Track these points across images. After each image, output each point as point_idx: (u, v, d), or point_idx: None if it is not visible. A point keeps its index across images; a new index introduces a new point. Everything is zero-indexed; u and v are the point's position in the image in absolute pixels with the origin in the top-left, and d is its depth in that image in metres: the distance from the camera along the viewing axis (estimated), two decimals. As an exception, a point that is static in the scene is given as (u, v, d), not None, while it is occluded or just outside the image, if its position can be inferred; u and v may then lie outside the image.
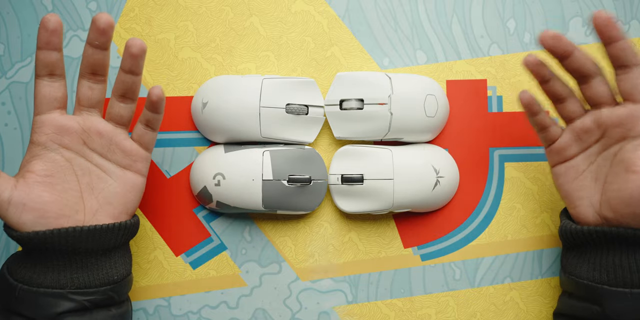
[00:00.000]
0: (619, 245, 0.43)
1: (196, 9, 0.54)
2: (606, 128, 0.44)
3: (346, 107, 0.50)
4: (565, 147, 0.46)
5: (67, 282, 0.43)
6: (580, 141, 0.46)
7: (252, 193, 0.49)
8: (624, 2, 0.54)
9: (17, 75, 0.53)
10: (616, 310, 0.42)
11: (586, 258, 0.45)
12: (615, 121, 0.43)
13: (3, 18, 0.54)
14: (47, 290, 0.42)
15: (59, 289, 0.42)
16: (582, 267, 0.45)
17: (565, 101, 0.46)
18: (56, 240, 0.42)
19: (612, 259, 0.43)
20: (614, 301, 0.42)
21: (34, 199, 0.42)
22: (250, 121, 0.49)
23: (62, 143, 0.43)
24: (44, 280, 0.42)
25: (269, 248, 0.53)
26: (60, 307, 0.42)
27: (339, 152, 0.51)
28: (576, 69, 0.44)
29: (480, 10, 0.54)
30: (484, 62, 0.54)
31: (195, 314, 0.53)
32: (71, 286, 0.43)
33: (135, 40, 0.43)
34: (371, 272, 0.53)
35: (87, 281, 0.43)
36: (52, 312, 0.42)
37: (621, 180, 0.42)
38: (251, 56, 0.54)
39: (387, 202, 0.49)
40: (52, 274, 0.43)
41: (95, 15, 0.42)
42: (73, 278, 0.43)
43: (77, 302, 0.43)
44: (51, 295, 0.42)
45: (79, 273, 0.43)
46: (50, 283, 0.42)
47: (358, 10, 0.54)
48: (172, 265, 0.53)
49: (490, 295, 0.53)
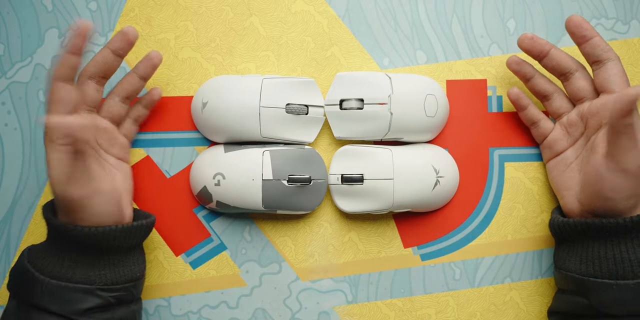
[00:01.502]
0: (603, 236, 0.44)
1: (196, 9, 0.54)
2: (587, 119, 0.47)
3: (346, 107, 0.50)
4: (556, 141, 0.49)
5: (96, 279, 0.43)
6: (569, 135, 0.49)
7: (252, 193, 0.49)
8: (624, 2, 0.54)
9: (17, 75, 0.53)
10: (603, 302, 0.43)
11: (574, 251, 0.46)
12: (593, 111, 0.46)
13: (3, 18, 0.54)
14: (76, 286, 0.43)
15: (88, 284, 0.43)
16: (571, 261, 0.45)
17: (551, 98, 0.50)
18: (99, 237, 0.43)
19: (597, 251, 0.44)
20: (601, 293, 0.43)
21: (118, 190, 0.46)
22: (250, 121, 0.49)
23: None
24: (73, 276, 0.43)
25: (269, 248, 0.53)
26: (88, 303, 0.43)
27: (339, 152, 0.51)
28: (555, 67, 0.48)
29: (480, 10, 0.54)
30: (484, 62, 0.54)
31: (195, 314, 0.53)
32: (99, 282, 0.43)
33: (156, 52, 0.49)
34: (371, 272, 0.53)
35: (114, 278, 0.44)
36: (79, 308, 0.42)
37: (585, 163, 0.45)
38: (251, 56, 0.54)
39: (387, 202, 0.49)
40: (81, 270, 0.43)
41: (124, 29, 0.46)
42: (102, 274, 0.44)
43: (104, 299, 0.43)
44: (80, 290, 0.43)
45: (107, 270, 0.44)
46: (79, 278, 0.43)
47: (358, 10, 0.54)
48: (172, 265, 0.53)
49: (490, 295, 0.53)
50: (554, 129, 0.50)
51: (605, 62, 0.46)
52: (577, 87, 0.48)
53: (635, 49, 0.54)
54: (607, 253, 0.43)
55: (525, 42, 0.48)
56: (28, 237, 0.53)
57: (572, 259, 0.45)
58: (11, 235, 0.53)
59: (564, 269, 0.46)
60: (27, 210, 0.53)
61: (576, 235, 0.45)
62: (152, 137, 0.53)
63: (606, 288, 0.42)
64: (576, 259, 0.45)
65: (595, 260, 0.44)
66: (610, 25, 0.54)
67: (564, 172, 0.48)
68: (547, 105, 0.50)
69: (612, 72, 0.46)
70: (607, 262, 0.43)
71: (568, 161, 0.48)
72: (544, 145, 0.51)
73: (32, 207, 0.53)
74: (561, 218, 0.46)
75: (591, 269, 0.44)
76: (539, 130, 0.51)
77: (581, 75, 0.48)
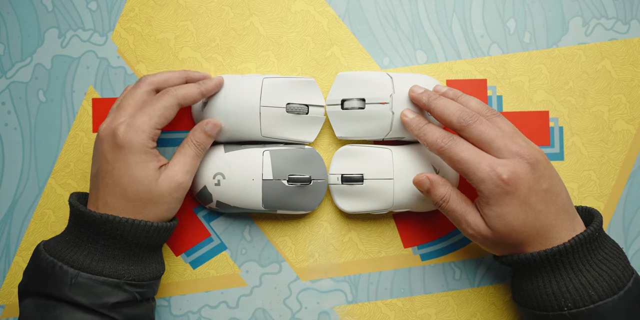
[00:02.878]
0: (521, 272, 0.46)
1: (196, 9, 0.54)
2: None
3: (348, 106, 0.50)
4: None
5: (125, 273, 0.44)
6: None
7: (252, 193, 0.49)
8: (624, 2, 0.54)
9: (17, 75, 0.53)
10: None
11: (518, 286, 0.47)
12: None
13: (3, 18, 0.54)
14: (106, 279, 0.43)
15: (117, 278, 0.44)
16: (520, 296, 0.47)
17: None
18: (128, 229, 0.44)
19: (525, 287, 0.45)
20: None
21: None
22: (250, 120, 0.49)
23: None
24: (103, 269, 0.44)
25: (269, 248, 0.53)
26: (116, 296, 0.44)
27: (339, 151, 0.51)
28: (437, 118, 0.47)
29: (480, 10, 0.54)
30: (484, 62, 0.54)
31: (195, 313, 0.53)
32: (127, 277, 0.44)
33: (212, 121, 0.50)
34: (371, 272, 0.53)
35: (141, 274, 0.45)
36: (107, 302, 0.43)
37: None
38: (251, 56, 0.54)
39: (387, 202, 0.49)
40: (110, 263, 0.44)
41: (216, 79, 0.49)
42: (130, 270, 0.45)
43: (130, 294, 0.44)
44: (109, 284, 0.43)
45: (135, 265, 0.45)
46: (108, 272, 0.44)
47: (358, 10, 0.54)
48: (172, 265, 0.53)
49: (490, 295, 0.53)
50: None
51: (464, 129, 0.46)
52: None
53: (635, 49, 0.54)
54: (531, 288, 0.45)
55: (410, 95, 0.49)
56: (28, 237, 0.53)
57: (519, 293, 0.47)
58: (11, 235, 0.53)
59: (517, 301, 0.48)
60: (27, 210, 0.53)
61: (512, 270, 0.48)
62: (152, 137, 0.53)
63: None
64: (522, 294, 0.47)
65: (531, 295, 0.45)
66: (610, 25, 0.54)
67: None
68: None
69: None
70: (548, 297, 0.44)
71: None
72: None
73: (32, 207, 0.53)
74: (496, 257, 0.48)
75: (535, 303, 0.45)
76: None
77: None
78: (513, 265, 0.45)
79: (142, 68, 0.54)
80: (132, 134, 0.44)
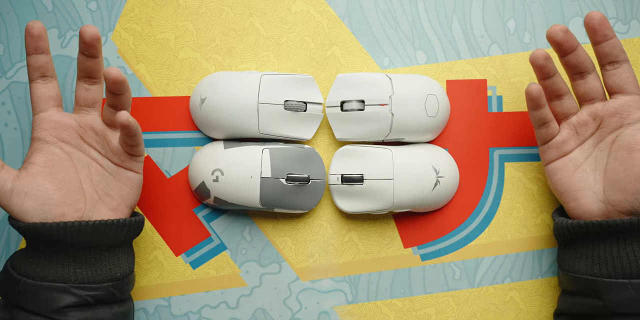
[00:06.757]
0: (615, 236, 0.44)
1: (196, 9, 0.54)
2: (602, 119, 0.47)
3: (347, 108, 0.50)
4: (565, 141, 0.48)
5: (70, 277, 0.44)
6: (577, 135, 0.48)
7: (250, 190, 0.49)
8: (624, 2, 0.54)
9: (17, 75, 0.53)
10: (616, 301, 0.43)
11: (583, 253, 0.46)
12: (612, 112, 0.46)
13: (3, 18, 0.54)
14: (50, 284, 0.43)
15: (62, 283, 0.43)
16: (580, 263, 0.45)
17: (563, 98, 0.48)
18: (62, 233, 0.43)
19: (609, 251, 0.44)
20: (614, 293, 0.43)
21: (36, 186, 0.44)
22: (248, 117, 0.49)
23: (60, 137, 0.46)
24: (47, 274, 0.43)
25: (269, 248, 0.53)
26: (63, 301, 0.43)
27: (339, 152, 0.51)
28: (577, 65, 0.47)
29: (480, 10, 0.54)
30: (484, 62, 0.54)
31: (195, 314, 0.53)
32: (74, 281, 0.44)
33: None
34: (371, 272, 0.53)
35: (90, 276, 0.44)
36: (56, 306, 0.42)
37: (626, 161, 0.45)
38: (251, 56, 0.54)
39: (387, 202, 0.49)
40: (55, 268, 0.44)
41: (81, 28, 0.44)
42: (76, 273, 0.44)
43: (80, 297, 0.43)
44: (54, 289, 0.43)
45: (82, 268, 0.44)
46: (53, 277, 0.43)
47: (358, 10, 0.54)
48: (172, 265, 0.53)
49: (490, 295, 0.53)
50: (562, 129, 0.48)
51: (622, 64, 0.46)
52: (592, 87, 0.47)
53: (635, 49, 0.54)
54: (620, 252, 0.44)
55: (559, 35, 0.45)
56: (28, 237, 0.53)
57: (582, 260, 0.45)
58: (11, 235, 0.53)
59: (573, 271, 0.46)
60: (27, 210, 0.53)
61: (586, 236, 0.45)
62: (152, 137, 0.53)
63: (620, 287, 0.43)
64: (586, 261, 0.45)
65: (608, 261, 0.44)
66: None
67: (575, 173, 0.47)
68: (558, 104, 0.48)
69: (630, 73, 0.46)
70: (621, 262, 0.43)
71: (578, 162, 0.47)
72: (550, 145, 0.48)
73: (32, 207, 0.53)
74: (569, 220, 0.46)
75: (604, 269, 0.44)
76: (547, 131, 0.48)
77: (596, 76, 0.47)
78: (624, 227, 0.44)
79: (142, 68, 0.54)
80: None
